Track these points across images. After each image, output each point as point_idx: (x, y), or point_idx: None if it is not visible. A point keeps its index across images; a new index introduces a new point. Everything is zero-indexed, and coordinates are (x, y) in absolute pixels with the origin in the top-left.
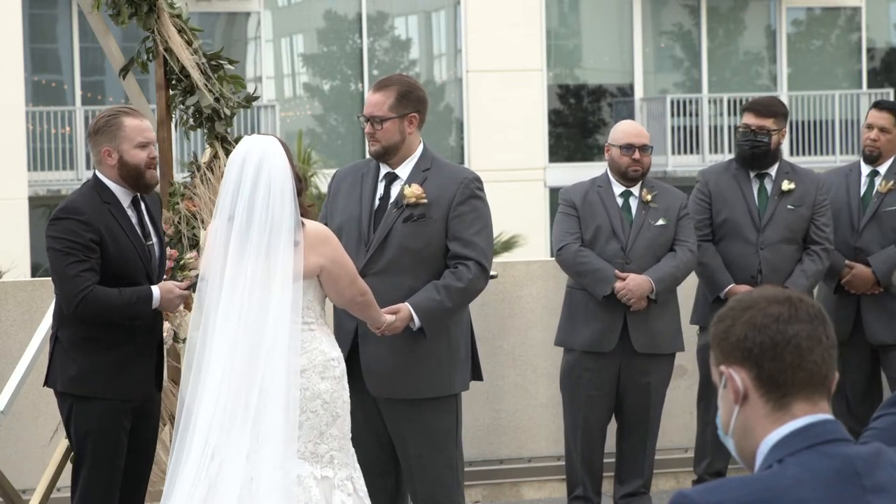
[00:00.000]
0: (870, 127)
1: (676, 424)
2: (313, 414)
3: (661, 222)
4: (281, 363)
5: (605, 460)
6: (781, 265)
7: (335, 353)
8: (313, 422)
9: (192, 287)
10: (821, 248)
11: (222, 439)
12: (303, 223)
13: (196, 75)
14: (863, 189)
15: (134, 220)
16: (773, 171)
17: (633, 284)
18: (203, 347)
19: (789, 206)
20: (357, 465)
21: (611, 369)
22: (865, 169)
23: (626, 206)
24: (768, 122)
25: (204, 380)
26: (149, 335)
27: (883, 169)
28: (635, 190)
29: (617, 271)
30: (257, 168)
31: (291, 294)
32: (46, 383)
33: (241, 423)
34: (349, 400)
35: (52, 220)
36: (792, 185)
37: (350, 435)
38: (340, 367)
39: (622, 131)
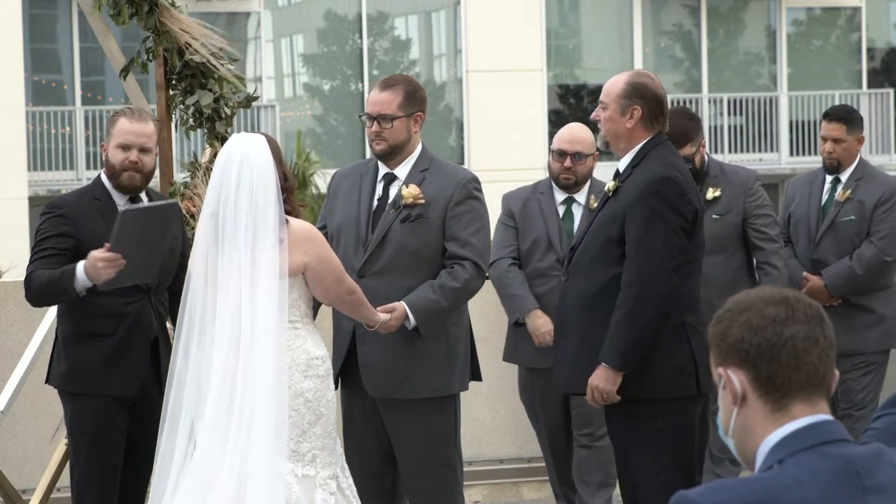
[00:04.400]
0: (824, 139)
1: None
2: (295, 412)
3: None
4: (270, 361)
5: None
6: (714, 277)
7: (319, 352)
8: (295, 420)
9: None
10: (770, 252)
11: (208, 435)
12: (287, 221)
13: (210, 66)
14: (824, 198)
15: None
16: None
17: (541, 325)
18: (186, 343)
19: (714, 216)
20: (345, 465)
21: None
22: (829, 177)
23: (569, 213)
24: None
25: (186, 376)
26: (139, 332)
27: (844, 177)
28: (580, 196)
29: (531, 312)
30: (239, 165)
31: (278, 291)
32: (47, 381)
33: (230, 419)
34: (334, 399)
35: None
36: (717, 193)
37: (335, 434)
38: (325, 366)
39: (558, 135)
